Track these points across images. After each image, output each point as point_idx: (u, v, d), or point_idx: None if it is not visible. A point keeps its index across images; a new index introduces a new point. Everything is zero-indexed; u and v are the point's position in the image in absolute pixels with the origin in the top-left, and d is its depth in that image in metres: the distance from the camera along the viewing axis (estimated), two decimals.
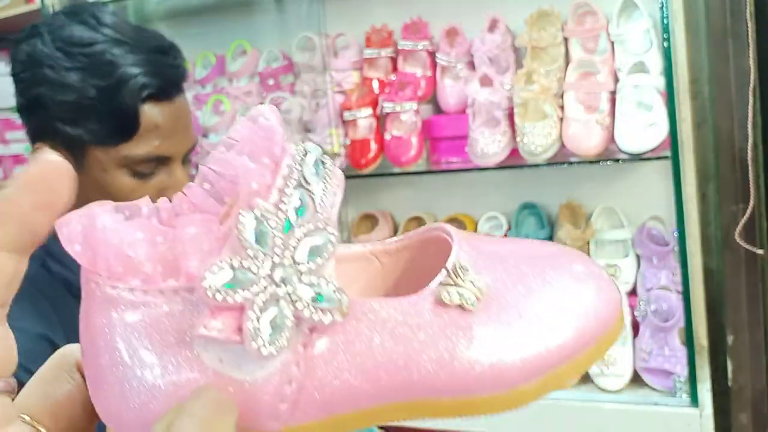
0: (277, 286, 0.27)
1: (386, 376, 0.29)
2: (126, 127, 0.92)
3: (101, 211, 0.28)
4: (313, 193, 0.29)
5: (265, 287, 0.27)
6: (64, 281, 0.96)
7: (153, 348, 0.28)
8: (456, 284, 0.31)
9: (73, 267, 0.99)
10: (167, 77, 0.95)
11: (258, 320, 0.27)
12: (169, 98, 0.96)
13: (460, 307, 0.31)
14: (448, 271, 0.31)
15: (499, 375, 0.30)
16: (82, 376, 0.31)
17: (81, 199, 1.05)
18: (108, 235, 0.27)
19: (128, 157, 0.93)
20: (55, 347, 1.00)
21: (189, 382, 0.28)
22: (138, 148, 0.93)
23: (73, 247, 0.28)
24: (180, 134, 0.97)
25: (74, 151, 0.93)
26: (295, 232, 0.28)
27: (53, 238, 1.05)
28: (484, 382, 0.30)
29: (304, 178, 0.29)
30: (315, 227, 0.28)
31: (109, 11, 0.95)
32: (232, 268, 0.27)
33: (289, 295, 0.27)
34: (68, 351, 0.33)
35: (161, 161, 0.96)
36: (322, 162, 0.30)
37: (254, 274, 0.27)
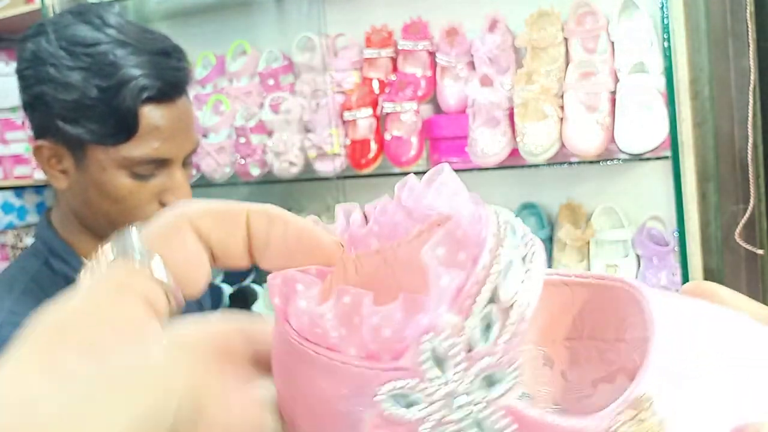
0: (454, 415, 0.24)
1: None
2: (125, 127, 0.93)
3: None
4: (509, 313, 0.24)
5: (439, 410, 0.24)
6: (65, 278, 0.97)
7: None
8: (634, 419, 0.26)
9: (75, 264, 0.99)
10: (169, 79, 0.95)
11: None
12: (171, 101, 0.96)
13: None
14: (629, 403, 0.26)
15: None
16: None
17: (80, 198, 1.06)
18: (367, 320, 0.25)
19: (127, 157, 0.93)
20: None
21: None
22: (137, 149, 0.94)
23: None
24: (180, 137, 0.98)
25: (74, 149, 0.94)
26: (474, 360, 0.24)
27: (56, 237, 1.05)
28: None
29: (497, 294, 0.24)
30: (504, 353, 0.24)
31: (114, 12, 0.95)
32: (410, 389, 0.24)
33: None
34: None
35: (161, 163, 0.96)
36: (524, 257, 0.25)
37: (430, 398, 0.24)
